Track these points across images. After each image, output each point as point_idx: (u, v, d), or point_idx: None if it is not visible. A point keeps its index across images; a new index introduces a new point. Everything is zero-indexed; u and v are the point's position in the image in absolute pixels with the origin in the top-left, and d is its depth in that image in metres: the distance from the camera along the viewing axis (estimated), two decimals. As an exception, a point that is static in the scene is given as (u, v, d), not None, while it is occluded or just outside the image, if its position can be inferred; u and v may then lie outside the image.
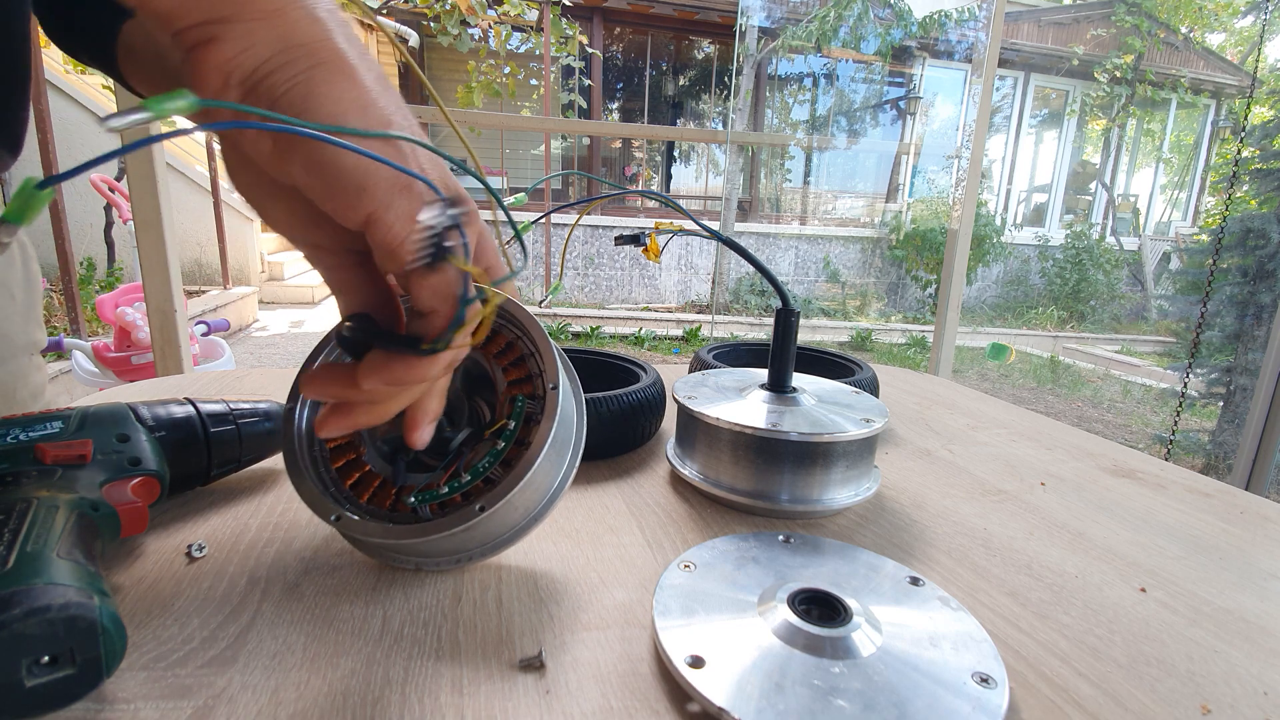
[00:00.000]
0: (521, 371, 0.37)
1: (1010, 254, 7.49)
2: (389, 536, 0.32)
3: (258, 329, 4.84)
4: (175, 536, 0.38)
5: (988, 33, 1.83)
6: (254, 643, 0.29)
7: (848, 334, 5.97)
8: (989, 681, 0.27)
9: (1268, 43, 8.61)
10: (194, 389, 0.68)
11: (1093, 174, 8.68)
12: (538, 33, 6.02)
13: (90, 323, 3.22)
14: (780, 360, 0.48)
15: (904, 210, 7.13)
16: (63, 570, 0.25)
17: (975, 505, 0.48)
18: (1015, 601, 0.36)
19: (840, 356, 0.70)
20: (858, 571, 0.35)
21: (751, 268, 0.54)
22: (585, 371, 0.65)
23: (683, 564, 0.35)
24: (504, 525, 0.34)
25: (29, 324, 0.62)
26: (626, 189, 0.53)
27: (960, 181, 1.93)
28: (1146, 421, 4.02)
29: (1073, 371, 5.21)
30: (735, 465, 0.45)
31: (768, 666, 0.27)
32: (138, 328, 2.30)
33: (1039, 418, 0.72)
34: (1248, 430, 1.89)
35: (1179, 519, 0.48)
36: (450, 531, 0.31)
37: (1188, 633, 0.34)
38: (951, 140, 7.65)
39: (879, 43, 6.68)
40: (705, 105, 8.23)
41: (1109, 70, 7.62)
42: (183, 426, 0.41)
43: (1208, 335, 3.05)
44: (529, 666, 0.29)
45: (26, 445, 0.34)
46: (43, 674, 0.23)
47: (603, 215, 6.69)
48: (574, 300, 6.33)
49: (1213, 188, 8.33)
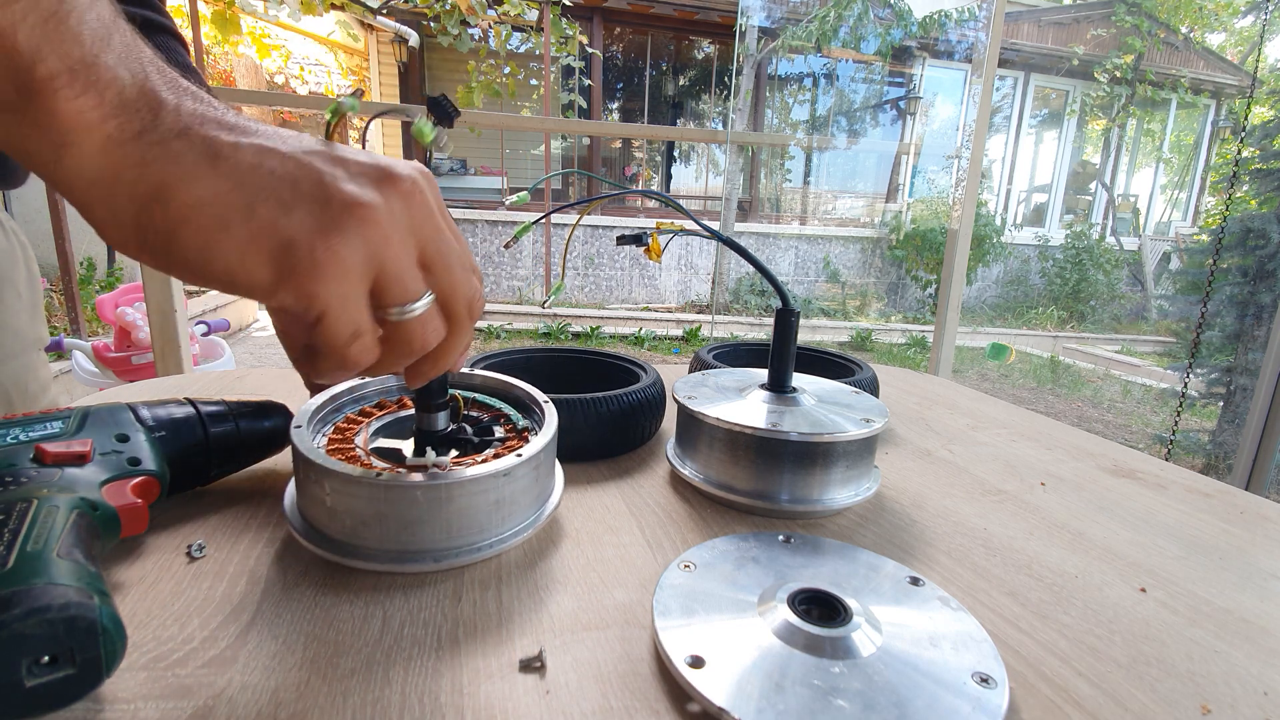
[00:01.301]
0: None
1: (1010, 254, 7.48)
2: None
3: (258, 329, 4.84)
4: (175, 536, 0.38)
5: (988, 33, 1.83)
6: (254, 643, 0.29)
7: (848, 334, 5.97)
8: (989, 681, 0.27)
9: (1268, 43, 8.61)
10: (194, 389, 0.68)
11: (1093, 174, 8.68)
12: (538, 33, 6.02)
13: (90, 323, 3.22)
14: (780, 360, 0.48)
15: (904, 210, 7.12)
16: (63, 570, 0.25)
17: (975, 505, 0.48)
18: (1015, 601, 0.36)
19: (840, 356, 0.70)
20: (858, 571, 0.35)
21: (751, 268, 0.55)
22: (585, 371, 0.65)
23: (683, 564, 0.35)
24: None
25: (34, 320, 0.63)
26: (627, 189, 0.53)
27: (960, 181, 1.93)
28: (1146, 421, 4.02)
29: (1073, 371, 5.21)
30: (735, 465, 0.45)
31: (768, 666, 0.27)
32: (138, 328, 2.30)
33: (1039, 418, 0.72)
34: (1248, 430, 1.89)
35: (1179, 519, 0.48)
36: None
37: (1188, 633, 0.34)
38: (951, 140, 7.64)
39: (879, 43, 6.68)
40: (705, 105, 8.23)
41: (1109, 70, 7.62)
42: (183, 426, 0.41)
43: (1208, 335, 3.05)
44: (529, 666, 0.29)
45: (26, 445, 0.34)
46: (43, 674, 0.23)
47: (603, 215, 6.69)
48: (574, 300, 6.33)
49: (1213, 188, 8.33)
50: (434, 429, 0.38)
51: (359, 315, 0.27)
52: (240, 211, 0.25)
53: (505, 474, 0.36)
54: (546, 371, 0.65)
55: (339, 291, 0.26)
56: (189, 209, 0.25)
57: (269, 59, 5.93)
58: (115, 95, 0.24)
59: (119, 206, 0.25)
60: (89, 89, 0.24)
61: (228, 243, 0.25)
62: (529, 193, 0.52)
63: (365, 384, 0.45)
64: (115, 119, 0.24)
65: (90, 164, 0.24)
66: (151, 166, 0.25)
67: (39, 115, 0.23)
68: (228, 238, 0.25)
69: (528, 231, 0.51)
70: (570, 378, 0.65)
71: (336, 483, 0.34)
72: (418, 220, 0.28)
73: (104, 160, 0.24)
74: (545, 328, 5.21)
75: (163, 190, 0.25)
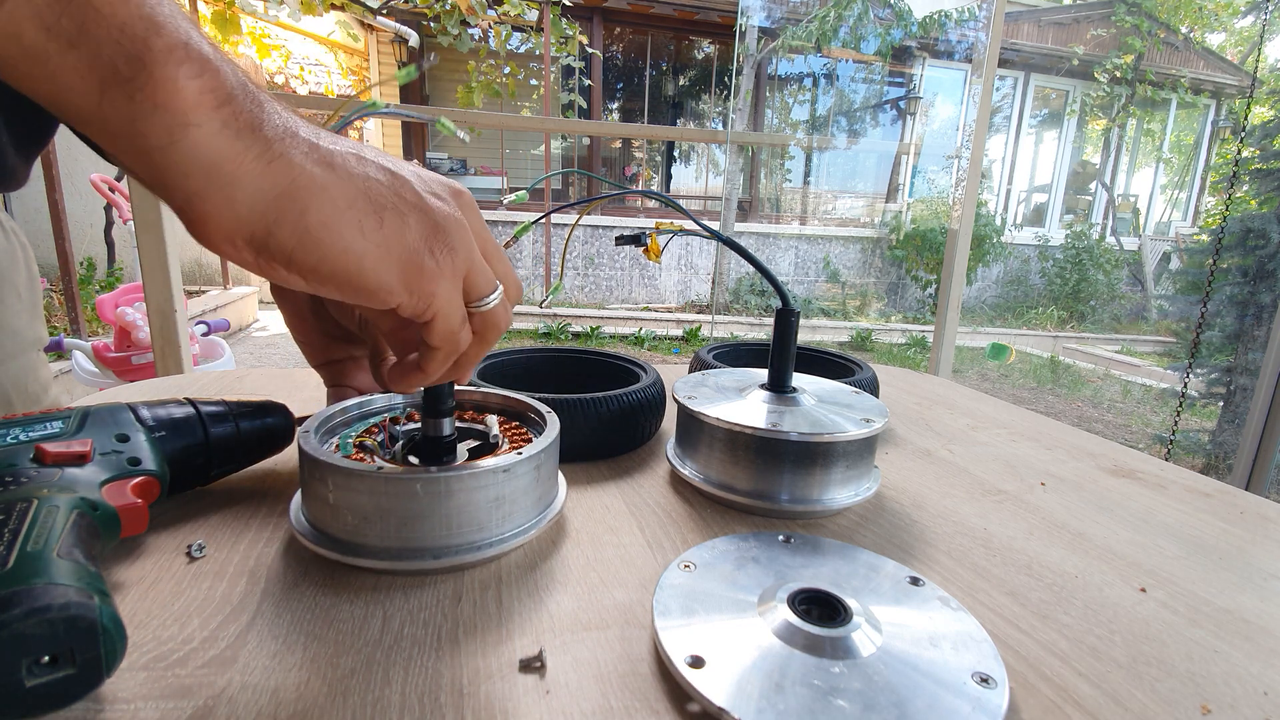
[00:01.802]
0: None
1: (1010, 254, 7.48)
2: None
3: (258, 329, 4.85)
4: (175, 536, 0.38)
5: (988, 33, 1.83)
6: (254, 643, 0.29)
7: (848, 334, 5.98)
8: (989, 681, 0.27)
9: (1268, 43, 8.60)
10: (194, 389, 0.68)
11: (1093, 174, 8.68)
12: (538, 33, 6.02)
13: (90, 323, 3.22)
14: (780, 360, 0.48)
15: (904, 210, 7.12)
16: (63, 570, 0.25)
17: (975, 505, 0.48)
18: (1015, 601, 0.36)
19: (840, 356, 0.70)
20: (858, 571, 0.35)
21: (751, 268, 0.55)
22: (585, 371, 0.65)
23: (683, 564, 0.35)
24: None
25: (34, 320, 0.63)
26: (627, 189, 0.53)
27: (960, 181, 1.93)
28: (1146, 421, 4.02)
29: (1073, 371, 5.21)
30: (735, 465, 0.45)
31: (768, 666, 0.27)
32: (138, 328, 2.30)
33: (1039, 418, 0.72)
34: (1248, 430, 1.89)
35: (1179, 519, 0.48)
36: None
37: (1188, 633, 0.34)
38: (951, 140, 7.65)
39: (879, 43, 6.68)
40: (705, 105, 8.23)
41: (1109, 70, 7.62)
42: (183, 426, 0.41)
43: (1208, 335, 3.05)
44: (529, 666, 0.29)
45: (26, 445, 0.34)
46: (43, 674, 0.23)
47: (603, 215, 6.69)
48: (574, 300, 6.33)
49: (1213, 188, 8.33)
50: (440, 435, 0.38)
51: (462, 307, 0.31)
52: (372, 218, 0.27)
53: (505, 470, 0.36)
54: (546, 372, 0.65)
55: (448, 291, 0.29)
56: (329, 214, 0.25)
57: (269, 59, 5.92)
58: (226, 80, 0.23)
59: (240, 200, 0.24)
60: (205, 70, 0.23)
61: (365, 247, 0.26)
62: (527, 192, 0.52)
63: (372, 399, 0.45)
64: (229, 106, 0.23)
65: (210, 150, 0.23)
66: (276, 163, 0.24)
67: (156, 93, 0.22)
68: (364, 242, 0.26)
69: (527, 231, 0.51)
70: (570, 378, 0.65)
71: (339, 478, 0.34)
72: (477, 225, 0.32)
73: (225, 147, 0.23)
74: (545, 328, 5.21)
75: (298, 192, 0.25)
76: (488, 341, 0.33)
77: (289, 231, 0.25)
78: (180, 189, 0.23)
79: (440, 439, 0.38)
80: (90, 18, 0.21)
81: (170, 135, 0.22)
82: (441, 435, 0.38)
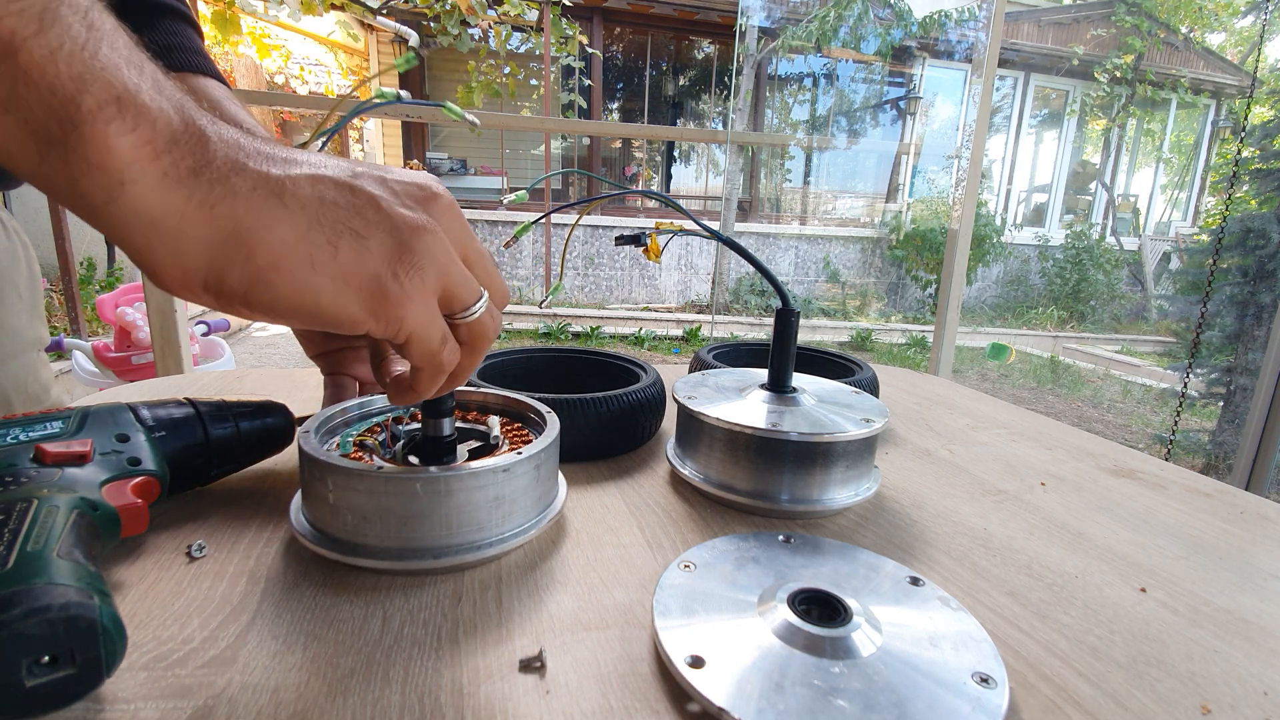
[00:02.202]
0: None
1: (1010, 254, 7.48)
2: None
3: (258, 329, 4.84)
4: (175, 536, 0.38)
5: (988, 33, 1.83)
6: (254, 643, 0.29)
7: (848, 334, 5.97)
8: (989, 681, 0.27)
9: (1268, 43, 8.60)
10: (194, 389, 0.68)
11: (1093, 174, 8.68)
12: (538, 33, 6.02)
13: (90, 323, 3.22)
14: (780, 360, 0.48)
15: (904, 210, 7.12)
16: (63, 570, 0.25)
17: (975, 505, 0.48)
18: (1015, 601, 0.36)
19: (840, 356, 0.70)
20: (858, 571, 0.35)
21: (751, 268, 0.55)
22: (585, 371, 0.65)
23: (683, 564, 0.35)
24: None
25: (34, 321, 0.63)
26: (627, 189, 0.53)
27: (960, 181, 1.93)
28: (1146, 421, 4.02)
29: (1073, 371, 5.21)
30: (735, 465, 0.45)
31: (768, 666, 0.27)
32: (138, 328, 2.30)
33: (1039, 418, 0.72)
34: (1248, 430, 1.89)
35: (1179, 519, 0.48)
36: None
37: (1188, 633, 0.34)
38: (951, 140, 7.64)
39: (879, 43, 6.68)
40: (705, 105, 8.23)
41: (1109, 70, 7.62)
42: (183, 426, 0.41)
43: (1208, 335, 3.05)
44: (529, 666, 0.29)
45: (26, 445, 0.34)
46: (43, 674, 0.23)
47: (603, 215, 6.69)
48: (574, 300, 6.33)
49: (1213, 188, 8.33)
50: (440, 435, 0.38)
51: (441, 325, 0.29)
52: (325, 249, 0.25)
53: (505, 469, 0.36)
54: (546, 372, 0.65)
55: (422, 311, 0.28)
56: (277, 253, 0.25)
57: (269, 59, 5.92)
58: (165, 128, 0.23)
59: (186, 250, 0.24)
60: (140, 122, 0.22)
61: (319, 282, 0.25)
62: (527, 192, 0.52)
63: (372, 400, 0.45)
64: (168, 155, 0.23)
65: (149, 204, 0.23)
66: (219, 207, 0.24)
67: (89, 153, 0.21)
68: (318, 277, 0.25)
69: (527, 231, 0.51)
70: (570, 378, 0.65)
71: (339, 478, 0.34)
72: (455, 230, 0.30)
73: (164, 200, 0.23)
74: (545, 328, 5.21)
75: (242, 234, 0.24)
76: (478, 351, 0.32)
77: (238, 276, 0.24)
78: (129, 243, 0.24)
79: (440, 439, 0.38)
80: (20, 81, 0.21)
81: (108, 194, 0.22)
82: (442, 435, 0.38)
